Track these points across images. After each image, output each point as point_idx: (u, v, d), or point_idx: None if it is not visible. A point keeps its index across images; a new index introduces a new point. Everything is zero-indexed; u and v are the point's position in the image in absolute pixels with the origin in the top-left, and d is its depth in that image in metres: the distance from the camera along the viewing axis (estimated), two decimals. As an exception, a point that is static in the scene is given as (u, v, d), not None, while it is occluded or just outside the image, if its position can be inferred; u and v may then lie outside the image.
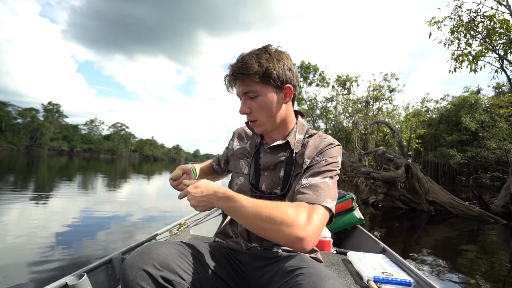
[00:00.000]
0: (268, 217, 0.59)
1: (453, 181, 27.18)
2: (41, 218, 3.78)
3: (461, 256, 3.50)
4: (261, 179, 0.84)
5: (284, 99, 0.78)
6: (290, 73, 0.77)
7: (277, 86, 0.76)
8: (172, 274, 0.62)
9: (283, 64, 0.75)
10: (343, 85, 26.69)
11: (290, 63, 0.78)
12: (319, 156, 0.75)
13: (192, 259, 0.70)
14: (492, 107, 24.35)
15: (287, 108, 0.81)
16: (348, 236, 2.37)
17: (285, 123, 0.82)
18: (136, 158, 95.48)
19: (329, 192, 0.69)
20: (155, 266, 0.61)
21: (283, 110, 0.79)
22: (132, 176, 13.70)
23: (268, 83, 0.74)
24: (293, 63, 0.80)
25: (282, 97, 0.78)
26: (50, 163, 20.31)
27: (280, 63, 0.75)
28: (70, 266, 2.23)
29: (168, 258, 0.64)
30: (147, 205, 5.58)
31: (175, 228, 1.68)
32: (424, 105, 30.21)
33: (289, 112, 0.82)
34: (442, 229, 5.38)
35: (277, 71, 0.74)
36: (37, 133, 61.86)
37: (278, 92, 0.77)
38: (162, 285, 0.60)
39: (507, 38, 7.99)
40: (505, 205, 7.34)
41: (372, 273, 1.16)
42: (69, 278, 0.86)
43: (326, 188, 0.70)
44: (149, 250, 0.64)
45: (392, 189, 7.55)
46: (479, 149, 23.50)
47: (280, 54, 0.77)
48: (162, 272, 0.61)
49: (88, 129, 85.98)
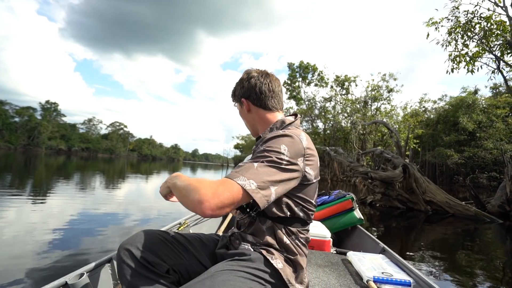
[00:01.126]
0: (186, 186, 0.65)
1: (450, 181, 27.31)
2: (38, 218, 3.77)
3: (458, 255, 3.53)
4: None
5: (245, 109, 0.96)
6: (242, 89, 0.94)
7: (238, 102, 0.97)
8: (152, 255, 0.76)
9: (239, 83, 0.95)
10: (341, 85, 26.73)
11: (243, 77, 0.95)
12: (261, 146, 0.76)
13: (177, 247, 0.83)
14: (489, 107, 24.50)
15: (257, 115, 0.94)
16: (348, 236, 2.37)
17: (262, 125, 0.94)
18: (135, 157, 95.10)
19: (248, 172, 0.64)
20: (137, 247, 0.76)
21: (254, 118, 0.95)
22: (130, 175, 13.67)
23: (239, 100, 0.96)
24: (252, 75, 0.94)
25: (246, 109, 0.95)
26: (47, 162, 20.21)
27: (238, 83, 0.96)
28: (69, 266, 2.24)
29: (151, 242, 0.79)
30: (146, 205, 5.58)
31: (175, 227, 1.69)
32: (422, 105, 30.33)
33: (261, 116, 0.94)
34: (439, 228, 5.42)
35: (235, 89, 0.97)
36: (34, 132, 61.44)
37: (241, 106, 0.97)
38: (141, 263, 0.74)
39: (503, 39, 8.04)
40: (501, 204, 7.40)
41: (372, 273, 1.16)
42: (69, 277, 0.87)
43: (248, 168, 0.66)
44: (136, 235, 0.80)
45: (390, 189, 7.59)
46: (476, 149, 23.63)
47: (242, 75, 0.96)
48: (143, 252, 0.75)
49: (86, 128, 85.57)
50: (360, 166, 8.98)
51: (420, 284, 1.11)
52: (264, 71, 0.95)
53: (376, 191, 7.88)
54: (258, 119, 0.94)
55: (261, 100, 0.92)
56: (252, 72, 0.94)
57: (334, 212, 2.45)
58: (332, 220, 2.43)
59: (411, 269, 1.20)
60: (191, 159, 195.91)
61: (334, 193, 2.67)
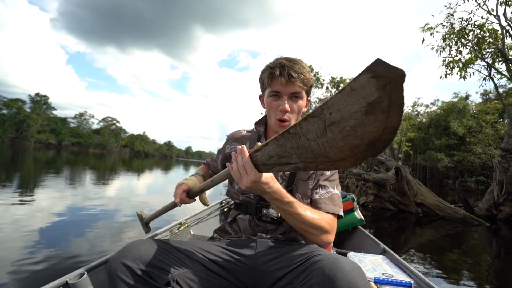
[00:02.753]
0: (313, 222, 0.79)
1: (440, 184, 27.88)
2: (26, 214, 3.68)
3: (448, 257, 3.61)
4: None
5: (304, 107, 0.92)
6: (310, 81, 0.90)
7: (308, 96, 0.92)
8: (151, 268, 0.67)
9: (307, 71, 0.88)
10: (337, 86, 26.94)
11: (305, 66, 0.89)
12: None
13: (178, 255, 0.75)
14: (479, 113, 25.10)
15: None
16: (349, 236, 2.36)
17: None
18: (127, 153, 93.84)
19: (340, 202, 0.90)
20: (134, 260, 0.66)
21: (300, 117, 0.91)
22: (122, 172, 13.48)
23: (307, 92, 0.90)
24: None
25: (305, 105, 0.91)
26: (36, 156, 19.75)
27: (305, 69, 0.87)
28: (68, 265, 2.19)
29: (149, 253, 0.69)
30: (141, 201, 5.52)
31: (176, 227, 1.66)
32: (415, 109, 30.84)
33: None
34: (429, 230, 5.53)
35: (311, 85, 0.91)
36: (23, 125, 59.90)
37: (306, 101, 0.91)
38: (141, 277, 0.65)
39: (495, 47, 8.24)
40: (489, 208, 7.60)
41: (373, 274, 1.16)
42: (70, 277, 0.85)
43: (338, 199, 0.91)
44: (131, 246, 0.70)
45: (382, 191, 7.70)
46: (465, 153, 24.19)
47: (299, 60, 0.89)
48: (141, 265, 0.66)
49: (77, 122, 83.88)
50: (353, 167, 9.08)
51: (421, 285, 1.11)
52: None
53: (368, 192, 7.98)
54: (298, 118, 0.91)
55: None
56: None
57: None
58: None
59: (412, 270, 1.20)
60: (184, 156, 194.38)
61: None
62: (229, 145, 1.07)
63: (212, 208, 2.39)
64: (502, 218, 7.22)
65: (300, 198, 0.90)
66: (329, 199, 0.89)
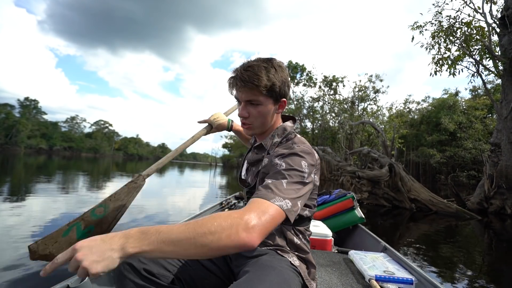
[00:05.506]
0: (210, 227, 0.51)
1: (433, 179, 28.35)
2: (18, 221, 3.61)
3: (441, 251, 3.67)
4: (248, 173, 0.95)
5: (277, 110, 0.87)
6: (287, 89, 0.85)
7: (276, 99, 0.84)
8: (155, 266, 0.70)
9: (284, 80, 0.83)
10: (329, 85, 27.16)
11: (288, 78, 0.86)
12: (278, 160, 0.74)
13: None
14: (469, 109, 25.65)
15: (277, 117, 0.90)
16: (349, 235, 2.36)
17: (271, 128, 0.90)
18: (120, 157, 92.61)
19: (281, 192, 0.64)
20: (139, 259, 0.69)
21: (273, 118, 0.88)
22: (116, 175, 13.31)
23: (271, 96, 0.82)
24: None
25: (276, 108, 0.86)
26: (27, 161, 19.34)
27: (282, 79, 0.82)
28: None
29: None
30: (141, 207, 5.46)
31: None
32: (407, 106, 31.32)
33: (277, 119, 0.91)
34: (423, 225, 5.62)
35: (280, 86, 0.82)
36: (12, 130, 58.54)
37: (275, 104, 0.85)
38: (145, 276, 0.68)
39: (482, 44, 8.43)
40: (480, 202, 7.77)
41: (374, 271, 1.16)
42: (71, 280, 0.85)
43: (279, 188, 0.65)
44: None
45: (376, 188, 7.79)
46: (456, 149, 24.68)
47: (283, 70, 0.84)
48: (145, 265, 0.69)
49: (68, 126, 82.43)
50: (348, 165, 9.17)
51: (422, 282, 1.11)
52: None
53: (363, 189, 8.06)
54: (273, 122, 0.88)
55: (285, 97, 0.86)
56: (278, 61, 0.84)
57: (335, 211, 2.44)
58: (333, 220, 2.42)
59: (413, 267, 1.20)
60: (178, 158, 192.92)
61: (335, 192, 2.66)
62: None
63: (212, 208, 2.39)
64: (493, 211, 7.39)
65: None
66: (264, 186, 0.66)
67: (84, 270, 0.46)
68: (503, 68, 8.07)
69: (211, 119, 1.16)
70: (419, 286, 1.13)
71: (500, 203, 7.42)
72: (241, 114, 0.84)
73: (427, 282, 1.10)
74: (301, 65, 29.70)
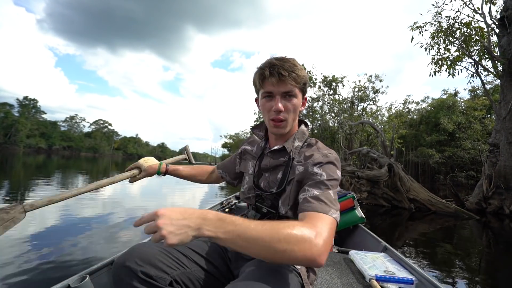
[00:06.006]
0: (286, 235, 0.52)
1: (432, 179, 28.39)
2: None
3: (440, 250, 3.69)
4: (262, 179, 0.91)
5: (301, 106, 0.87)
6: (305, 78, 0.86)
7: (303, 95, 0.86)
8: (153, 269, 0.69)
9: (300, 69, 0.83)
10: (329, 85, 27.14)
11: (298, 64, 0.86)
12: (320, 169, 0.76)
13: (178, 256, 0.76)
14: (467, 109, 25.70)
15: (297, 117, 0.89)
16: (350, 235, 2.37)
17: (292, 129, 0.88)
18: (120, 156, 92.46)
19: (333, 203, 0.69)
20: (136, 262, 0.68)
21: (297, 117, 0.87)
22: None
23: (301, 90, 0.84)
24: None
25: (301, 105, 0.86)
26: (26, 161, 19.30)
27: (297, 67, 0.82)
28: (69, 268, 2.16)
29: (149, 255, 0.71)
30: (142, 207, 5.46)
31: None
32: (406, 106, 31.36)
33: (296, 120, 0.90)
34: (422, 225, 5.64)
35: (306, 81, 0.85)
36: (11, 129, 58.36)
37: (302, 100, 0.86)
38: (143, 279, 0.67)
39: (481, 45, 8.45)
40: (478, 202, 7.80)
41: (374, 271, 1.16)
42: (72, 280, 0.86)
43: (331, 199, 0.70)
44: (133, 249, 0.72)
45: (376, 188, 7.81)
46: (455, 149, 24.71)
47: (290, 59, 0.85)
48: (143, 267, 0.68)
49: (68, 126, 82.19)
50: (347, 165, 9.18)
51: (423, 282, 1.12)
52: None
53: (362, 189, 8.08)
54: (296, 119, 0.87)
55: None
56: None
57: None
58: None
59: (414, 267, 1.20)
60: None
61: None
62: (244, 146, 1.08)
63: (213, 208, 2.39)
64: (491, 211, 7.42)
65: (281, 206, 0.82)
66: (315, 198, 0.69)
67: (160, 238, 0.49)
68: (502, 68, 8.09)
69: (141, 163, 1.15)
70: (419, 286, 1.13)
71: (499, 203, 7.45)
72: (280, 107, 0.79)
73: (427, 282, 1.11)
74: (301, 65, 29.64)
